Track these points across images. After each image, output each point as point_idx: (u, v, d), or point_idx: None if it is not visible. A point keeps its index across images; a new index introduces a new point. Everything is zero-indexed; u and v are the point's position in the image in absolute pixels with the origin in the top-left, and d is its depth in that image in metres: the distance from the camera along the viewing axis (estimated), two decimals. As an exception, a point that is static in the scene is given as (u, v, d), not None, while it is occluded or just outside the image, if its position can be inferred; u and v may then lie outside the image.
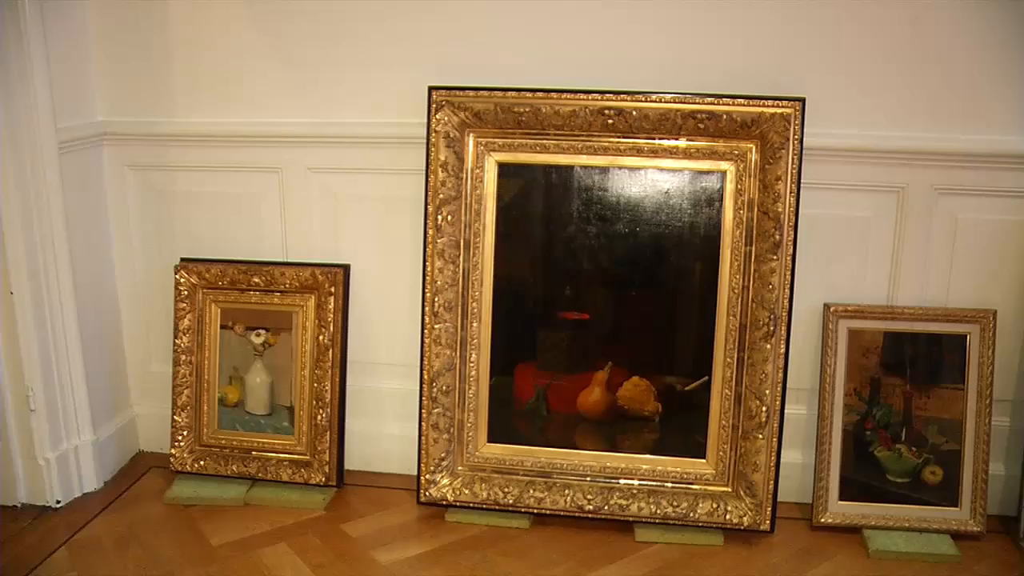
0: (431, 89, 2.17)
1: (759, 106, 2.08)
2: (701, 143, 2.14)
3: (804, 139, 2.09)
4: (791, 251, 2.11)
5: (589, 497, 2.21)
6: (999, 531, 2.25)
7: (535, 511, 2.24)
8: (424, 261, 2.21)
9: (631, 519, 2.20)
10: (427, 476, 2.26)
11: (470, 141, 2.20)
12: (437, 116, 2.17)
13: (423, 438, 2.25)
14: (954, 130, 2.18)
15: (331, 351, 2.34)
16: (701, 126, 2.11)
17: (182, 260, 2.42)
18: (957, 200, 2.22)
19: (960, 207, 2.22)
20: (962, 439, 2.22)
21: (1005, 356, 2.25)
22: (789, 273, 2.11)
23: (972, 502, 2.21)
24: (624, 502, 2.20)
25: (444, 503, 2.27)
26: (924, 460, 2.23)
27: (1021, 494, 2.20)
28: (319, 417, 2.35)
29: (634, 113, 2.11)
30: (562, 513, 2.22)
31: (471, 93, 2.16)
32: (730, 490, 2.21)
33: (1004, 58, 2.13)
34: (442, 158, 2.18)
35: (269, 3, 2.28)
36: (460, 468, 2.28)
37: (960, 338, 2.22)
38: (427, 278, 2.21)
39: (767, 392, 2.13)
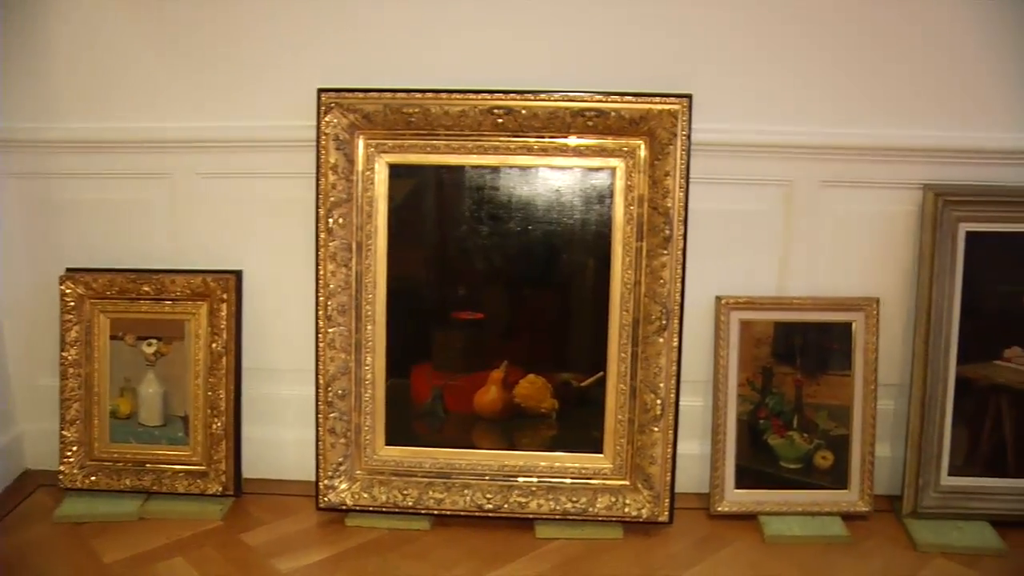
0: (320, 91, 2.15)
1: (647, 103, 2.11)
2: (590, 140, 2.15)
3: (692, 135, 2.12)
4: (681, 245, 2.14)
5: (488, 496, 2.22)
6: (885, 509, 2.33)
7: (435, 512, 2.23)
8: (316, 265, 2.19)
9: (531, 516, 2.21)
10: (325, 482, 2.24)
11: (360, 143, 2.19)
12: (326, 118, 2.15)
13: (320, 443, 2.23)
14: (837, 125, 2.25)
15: (225, 358, 2.30)
16: (590, 124, 2.12)
17: (68, 270, 2.35)
18: (841, 192, 2.29)
19: (844, 199, 2.29)
20: (850, 424, 2.29)
21: (888, 342, 2.32)
22: (680, 267, 2.14)
23: (860, 484, 2.28)
24: (523, 500, 2.21)
25: (344, 508, 2.25)
26: (815, 446, 2.29)
27: (904, 474, 2.27)
28: (214, 426, 2.31)
29: (523, 112, 2.11)
30: (462, 513, 2.22)
31: (360, 95, 2.14)
32: (628, 483, 2.23)
33: (882, 56, 2.20)
34: (332, 161, 2.16)
35: (154, 4, 2.23)
36: (359, 472, 2.27)
37: (846, 326, 2.29)
38: (320, 282, 2.19)
39: (661, 385, 2.17)
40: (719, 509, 2.28)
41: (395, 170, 2.20)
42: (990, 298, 2.25)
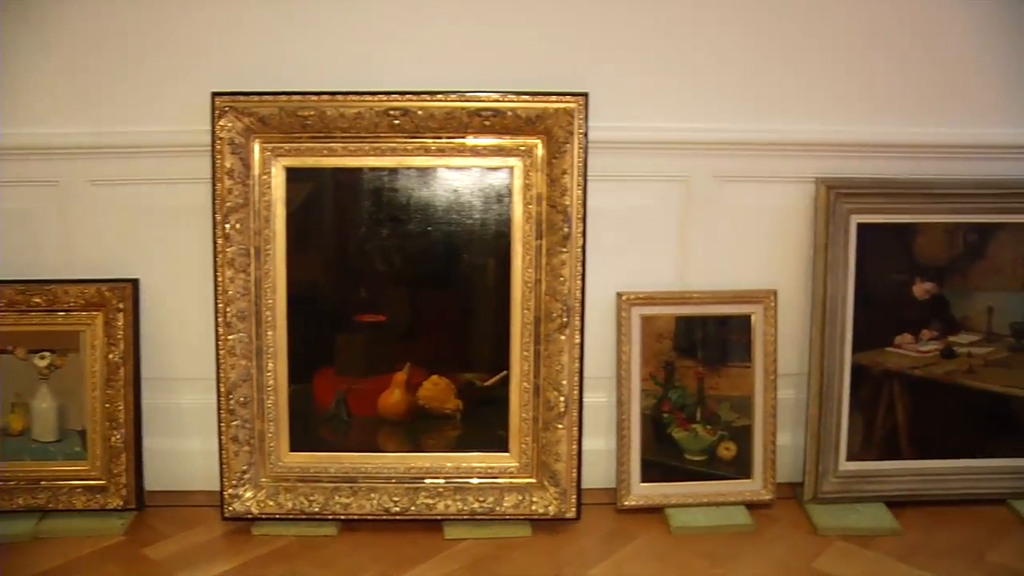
0: (214, 95, 2.16)
1: (543, 102, 2.16)
2: (488, 140, 2.20)
3: (589, 133, 2.18)
4: (581, 243, 2.20)
5: (395, 499, 2.25)
6: (788, 496, 2.42)
7: (342, 517, 2.26)
8: (215, 271, 2.20)
9: (439, 517, 2.25)
10: (230, 491, 2.25)
11: (256, 147, 2.20)
12: (221, 123, 2.16)
13: (223, 452, 2.24)
14: (732, 121, 2.34)
15: (123, 369, 2.29)
16: (487, 123, 2.17)
17: (-47, 284, 2.31)
18: (738, 187, 2.38)
19: (740, 193, 2.38)
20: (752, 414, 2.38)
21: (787, 332, 2.41)
22: (580, 265, 2.20)
23: (763, 473, 2.38)
24: (431, 501, 2.25)
25: (249, 517, 2.26)
26: (719, 437, 2.38)
27: (804, 461, 2.37)
28: (113, 439, 2.30)
29: (420, 113, 2.15)
30: (370, 517, 2.25)
31: (255, 98, 2.15)
32: (535, 481, 2.29)
33: (774, 53, 2.31)
34: (228, 165, 2.17)
35: (42, 7, 2.21)
36: (264, 480, 2.28)
37: (745, 318, 2.38)
38: (218, 288, 2.20)
39: (564, 382, 2.23)
40: (626, 503, 2.35)
41: (292, 173, 2.22)
42: (882, 287, 2.37)
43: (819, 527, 2.28)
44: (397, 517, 2.25)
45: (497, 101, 2.16)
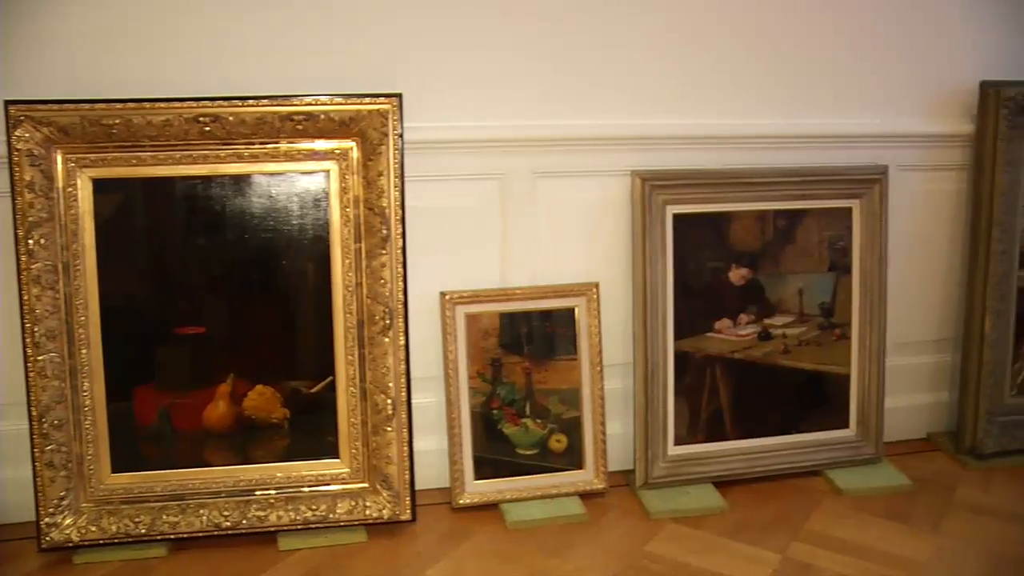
0: (7, 103, 2.18)
1: (356, 104, 2.28)
2: (302, 145, 2.31)
3: (405, 134, 2.31)
4: (400, 244, 2.33)
5: (226, 514, 2.33)
6: (621, 484, 2.62)
7: (172, 536, 2.31)
8: (19, 290, 2.22)
9: (272, 529, 2.34)
10: (47, 520, 2.27)
11: (59, 158, 2.23)
12: (17, 133, 2.19)
13: (38, 479, 2.26)
14: (546, 117, 2.51)
15: (-77, 399, 2.29)
16: (300, 127, 2.28)
17: None
18: (556, 182, 2.55)
19: (559, 188, 2.56)
20: (580, 406, 2.56)
21: (611, 324, 2.60)
22: (400, 266, 2.33)
23: (595, 463, 2.56)
24: (262, 513, 2.34)
25: (70, 545, 2.28)
26: (549, 430, 2.55)
27: (634, 448, 2.57)
28: (-85, 474, 2.29)
29: (231, 119, 2.24)
30: (200, 534, 2.31)
31: (54, 107, 2.19)
32: (367, 486, 2.40)
33: (585, 48, 2.50)
34: (27, 178, 2.20)
35: None
36: (84, 505, 2.32)
37: (569, 312, 2.55)
38: (24, 308, 2.22)
39: (391, 385, 2.35)
40: (461, 502, 2.50)
41: (100, 185, 2.26)
42: (700, 275, 2.59)
43: (651, 512, 2.48)
44: (229, 532, 2.32)
45: (309, 104, 2.26)
